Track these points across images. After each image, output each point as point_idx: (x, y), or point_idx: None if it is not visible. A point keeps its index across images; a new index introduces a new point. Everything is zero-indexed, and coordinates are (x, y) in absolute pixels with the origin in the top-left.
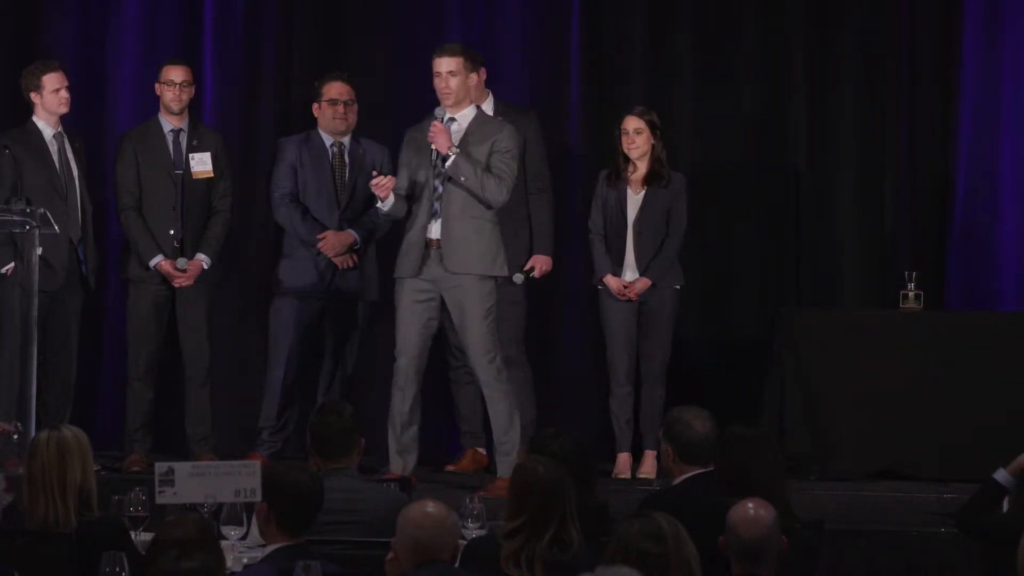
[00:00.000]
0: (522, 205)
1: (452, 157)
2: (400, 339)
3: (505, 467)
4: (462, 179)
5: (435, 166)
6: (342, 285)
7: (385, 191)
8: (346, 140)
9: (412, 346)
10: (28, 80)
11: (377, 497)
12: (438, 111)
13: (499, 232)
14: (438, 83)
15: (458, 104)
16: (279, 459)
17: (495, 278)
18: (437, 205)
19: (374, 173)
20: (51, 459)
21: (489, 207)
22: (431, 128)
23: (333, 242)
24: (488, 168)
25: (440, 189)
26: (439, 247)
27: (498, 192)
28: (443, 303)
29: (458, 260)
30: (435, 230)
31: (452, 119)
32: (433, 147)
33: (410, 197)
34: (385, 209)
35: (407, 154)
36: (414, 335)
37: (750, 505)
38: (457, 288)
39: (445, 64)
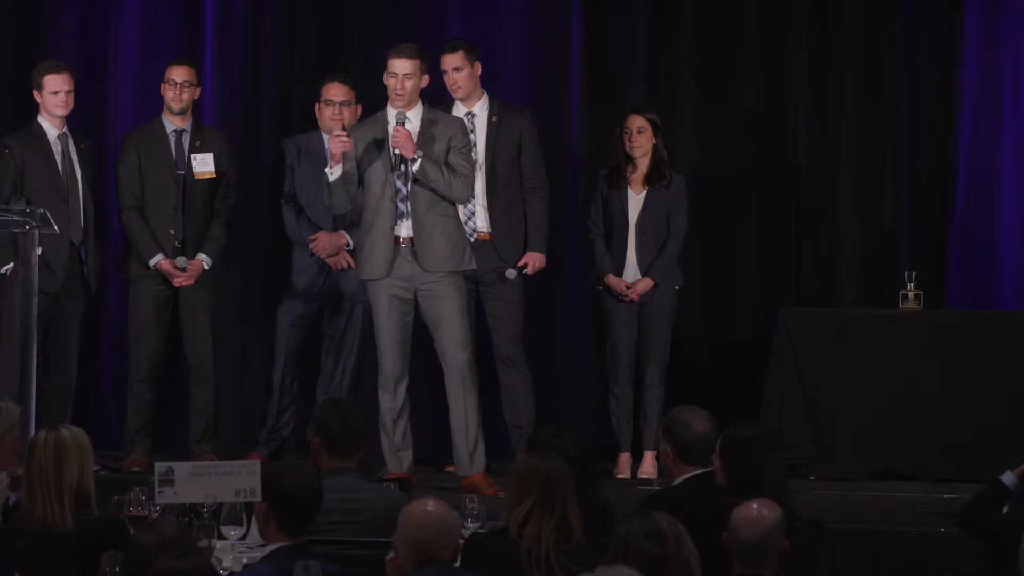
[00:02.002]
0: (518, 203)
1: (419, 161)
2: (383, 341)
3: (468, 467)
4: (431, 182)
5: (396, 167)
6: (341, 285)
7: (343, 146)
8: None
9: (396, 345)
10: (34, 78)
11: (377, 497)
12: (398, 115)
13: (463, 227)
14: (393, 83)
15: (409, 104)
16: (278, 459)
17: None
18: (403, 206)
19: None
20: (48, 459)
21: (453, 204)
22: (395, 133)
23: (325, 243)
24: (450, 166)
25: (404, 190)
26: (411, 246)
27: (464, 190)
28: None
29: (432, 259)
30: (404, 229)
31: (406, 118)
32: (397, 151)
33: (363, 195)
34: (332, 177)
35: (355, 152)
36: (397, 334)
37: (754, 505)
38: (433, 284)
39: (401, 66)
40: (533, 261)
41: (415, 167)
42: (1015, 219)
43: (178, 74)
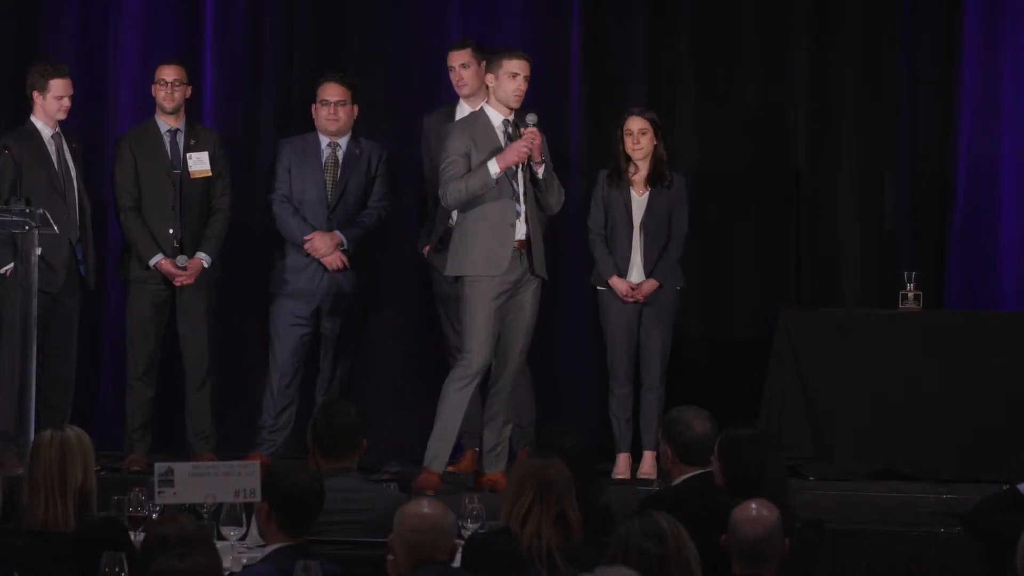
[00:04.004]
0: None
1: (544, 164)
2: (476, 338)
3: (494, 465)
4: (548, 189)
5: (522, 168)
6: (339, 285)
7: (530, 149)
8: (343, 140)
9: (489, 345)
10: (35, 79)
11: (377, 497)
12: (528, 116)
13: None
14: (516, 85)
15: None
16: (278, 458)
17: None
18: (520, 207)
19: (533, 125)
20: (53, 459)
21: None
22: (528, 133)
23: (319, 243)
24: None
25: (521, 190)
26: (525, 248)
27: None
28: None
29: (539, 263)
30: (521, 231)
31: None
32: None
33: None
34: (496, 178)
35: (462, 148)
36: (492, 334)
37: (753, 505)
38: (528, 290)
39: (525, 68)
40: None
41: (541, 170)
42: (1015, 219)
43: (168, 73)
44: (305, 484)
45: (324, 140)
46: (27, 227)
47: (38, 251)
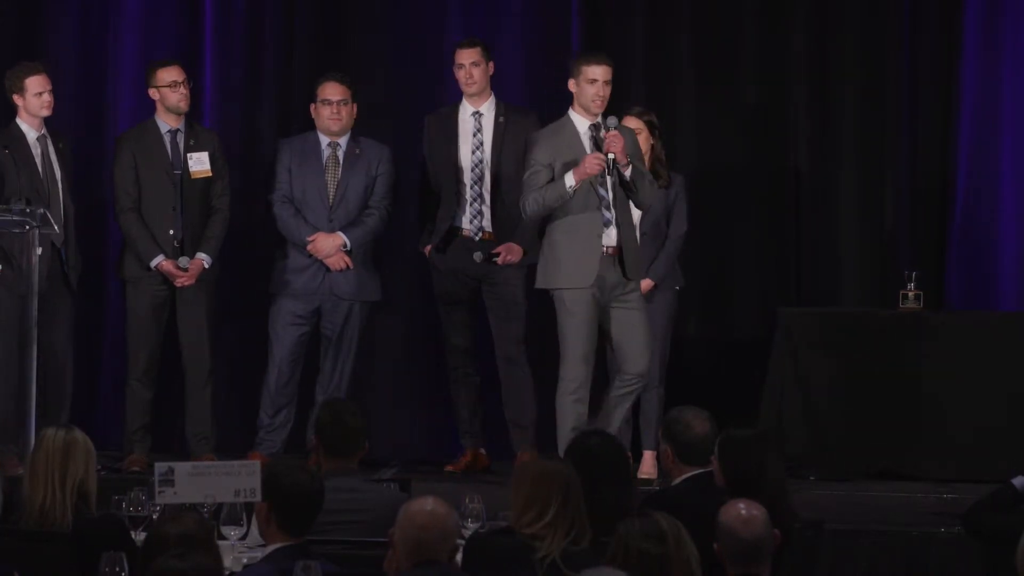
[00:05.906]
0: None
1: (630, 166)
2: (580, 349)
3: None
4: (639, 189)
5: (608, 173)
6: (339, 285)
7: (600, 167)
8: (343, 140)
9: (585, 357)
10: (11, 82)
11: (377, 497)
12: (609, 119)
13: None
14: (595, 90)
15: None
16: (277, 458)
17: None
18: (608, 214)
19: (612, 130)
20: (56, 450)
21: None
22: (609, 137)
23: (322, 244)
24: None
25: (609, 196)
26: (619, 254)
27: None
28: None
29: (635, 267)
30: (612, 237)
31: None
32: (611, 156)
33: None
34: (572, 192)
35: (546, 158)
36: (588, 346)
37: (741, 506)
38: (630, 294)
39: (604, 72)
40: (506, 251)
41: (628, 172)
42: (1015, 219)
43: (177, 74)
44: (305, 484)
45: (324, 140)
46: (27, 227)
47: (38, 251)
